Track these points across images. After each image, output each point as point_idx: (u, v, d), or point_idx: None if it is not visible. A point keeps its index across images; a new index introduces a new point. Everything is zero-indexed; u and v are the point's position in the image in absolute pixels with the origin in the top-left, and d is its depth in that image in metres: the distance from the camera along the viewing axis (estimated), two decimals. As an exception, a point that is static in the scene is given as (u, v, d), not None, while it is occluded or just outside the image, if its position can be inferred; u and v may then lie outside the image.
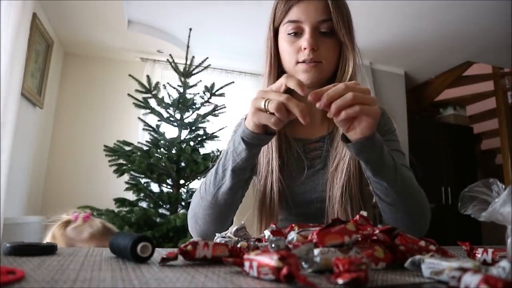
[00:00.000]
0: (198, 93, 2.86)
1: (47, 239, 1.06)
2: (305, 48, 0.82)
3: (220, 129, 2.80)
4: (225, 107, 2.85)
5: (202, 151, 2.75)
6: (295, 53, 0.84)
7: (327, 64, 0.84)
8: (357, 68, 0.86)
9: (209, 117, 2.82)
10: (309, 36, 0.81)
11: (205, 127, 2.83)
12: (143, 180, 2.66)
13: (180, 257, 0.46)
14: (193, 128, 2.81)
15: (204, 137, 2.78)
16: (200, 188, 0.83)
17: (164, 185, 2.69)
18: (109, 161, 2.62)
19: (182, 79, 2.88)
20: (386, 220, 0.80)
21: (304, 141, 0.92)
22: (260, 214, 0.88)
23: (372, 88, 4.01)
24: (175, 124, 2.80)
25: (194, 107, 2.84)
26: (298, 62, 0.84)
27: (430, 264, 0.38)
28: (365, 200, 0.85)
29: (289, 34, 0.85)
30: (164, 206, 2.60)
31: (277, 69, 0.89)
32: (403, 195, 0.74)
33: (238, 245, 0.51)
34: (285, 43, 0.86)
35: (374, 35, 3.60)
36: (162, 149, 2.67)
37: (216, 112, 2.82)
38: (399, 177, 0.73)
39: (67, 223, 1.07)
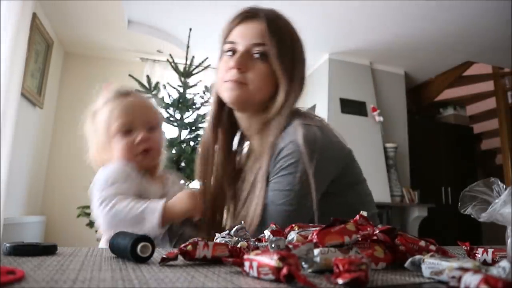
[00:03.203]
0: (198, 93, 2.86)
1: None
2: (232, 68, 0.80)
3: (220, 129, 2.79)
4: (225, 107, 2.85)
5: (202, 151, 2.75)
6: (224, 71, 0.83)
7: (253, 87, 0.80)
8: (290, 100, 0.81)
9: (209, 117, 2.82)
10: (239, 55, 0.80)
11: (205, 127, 2.83)
12: (143, 180, 2.65)
13: (180, 257, 0.46)
14: (193, 128, 2.81)
15: (204, 137, 2.78)
16: None
17: (164, 185, 2.69)
18: (109, 161, 2.62)
19: (182, 79, 2.88)
20: None
21: None
22: None
23: (372, 88, 4.01)
24: (175, 124, 2.80)
25: (194, 107, 2.84)
26: (225, 81, 0.82)
27: (430, 264, 0.38)
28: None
29: (225, 53, 0.85)
30: (164, 206, 2.60)
31: None
32: None
33: (238, 245, 0.51)
34: (220, 61, 0.86)
35: (374, 35, 3.60)
36: (162, 149, 2.67)
37: (216, 112, 2.82)
38: None
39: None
